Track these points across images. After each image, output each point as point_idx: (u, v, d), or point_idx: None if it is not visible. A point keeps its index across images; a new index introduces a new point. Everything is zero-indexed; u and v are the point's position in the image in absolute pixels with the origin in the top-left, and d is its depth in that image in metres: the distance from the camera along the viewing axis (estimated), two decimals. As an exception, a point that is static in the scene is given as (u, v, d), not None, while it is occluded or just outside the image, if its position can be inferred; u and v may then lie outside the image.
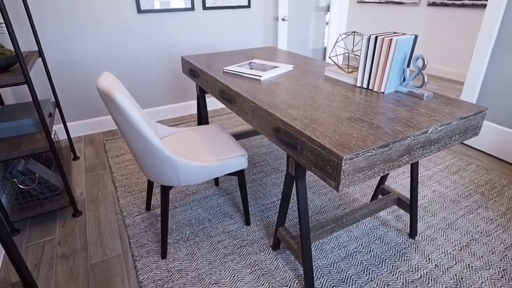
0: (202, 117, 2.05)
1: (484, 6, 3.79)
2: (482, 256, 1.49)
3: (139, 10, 2.59)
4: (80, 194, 1.98)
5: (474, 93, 2.38)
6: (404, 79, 1.34)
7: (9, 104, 1.94)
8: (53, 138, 1.73)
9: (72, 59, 2.51)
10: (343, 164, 0.85)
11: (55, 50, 2.43)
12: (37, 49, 2.34)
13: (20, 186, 1.70)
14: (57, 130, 2.65)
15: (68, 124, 2.67)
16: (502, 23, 2.14)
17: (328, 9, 3.52)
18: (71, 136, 2.72)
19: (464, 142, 2.51)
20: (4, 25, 2.13)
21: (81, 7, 2.39)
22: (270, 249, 1.54)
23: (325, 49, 3.74)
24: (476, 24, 3.95)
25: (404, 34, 1.30)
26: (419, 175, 2.10)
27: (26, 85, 2.11)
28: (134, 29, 2.65)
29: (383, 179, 1.69)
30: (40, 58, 2.33)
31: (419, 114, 1.10)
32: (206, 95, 3.19)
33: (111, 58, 2.65)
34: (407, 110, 1.14)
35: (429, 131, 1.01)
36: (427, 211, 1.79)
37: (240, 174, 1.56)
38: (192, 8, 2.80)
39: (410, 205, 1.53)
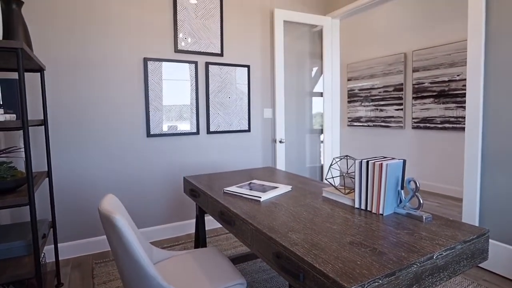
0: (200, 239, 1.99)
1: (464, 129, 4.16)
2: None
3: (148, 134, 2.84)
4: (56, 329, 1.74)
5: (474, 213, 2.36)
6: (401, 201, 1.36)
7: (4, 225, 1.91)
8: (41, 261, 1.63)
9: (78, 179, 2.60)
10: (349, 297, 0.79)
11: (62, 171, 2.54)
12: (46, 169, 2.46)
13: (-9, 320, 1.51)
14: (47, 252, 2.52)
15: (59, 244, 2.57)
16: (483, 143, 2.29)
17: (322, 131, 3.85)
18: (60, 259, 2.57)
19: (479, 265, 2.36)
20: (22, 149, 2.30)
21: (94, 133, 2.63)
22: None
23: (321, 166, 3.92)
24: (461, 143, 4.25)
25: (393, 158, 1.39)
26: (437, 303, 1.90)
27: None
28: (141, 152, 2.84)
29: (397, 310, 1.52)
30: (47, 178, 2.42)
31: (421, 238, 1.08)
32: (205, 214, 3.17)
33: (115, 179, 2.75)
34: (408, 233, 1.13)
35: (434, 257, 0.97)
36: None
37: (238, 305, 1.41)
38: (197, 132, 3.07)
39: None
